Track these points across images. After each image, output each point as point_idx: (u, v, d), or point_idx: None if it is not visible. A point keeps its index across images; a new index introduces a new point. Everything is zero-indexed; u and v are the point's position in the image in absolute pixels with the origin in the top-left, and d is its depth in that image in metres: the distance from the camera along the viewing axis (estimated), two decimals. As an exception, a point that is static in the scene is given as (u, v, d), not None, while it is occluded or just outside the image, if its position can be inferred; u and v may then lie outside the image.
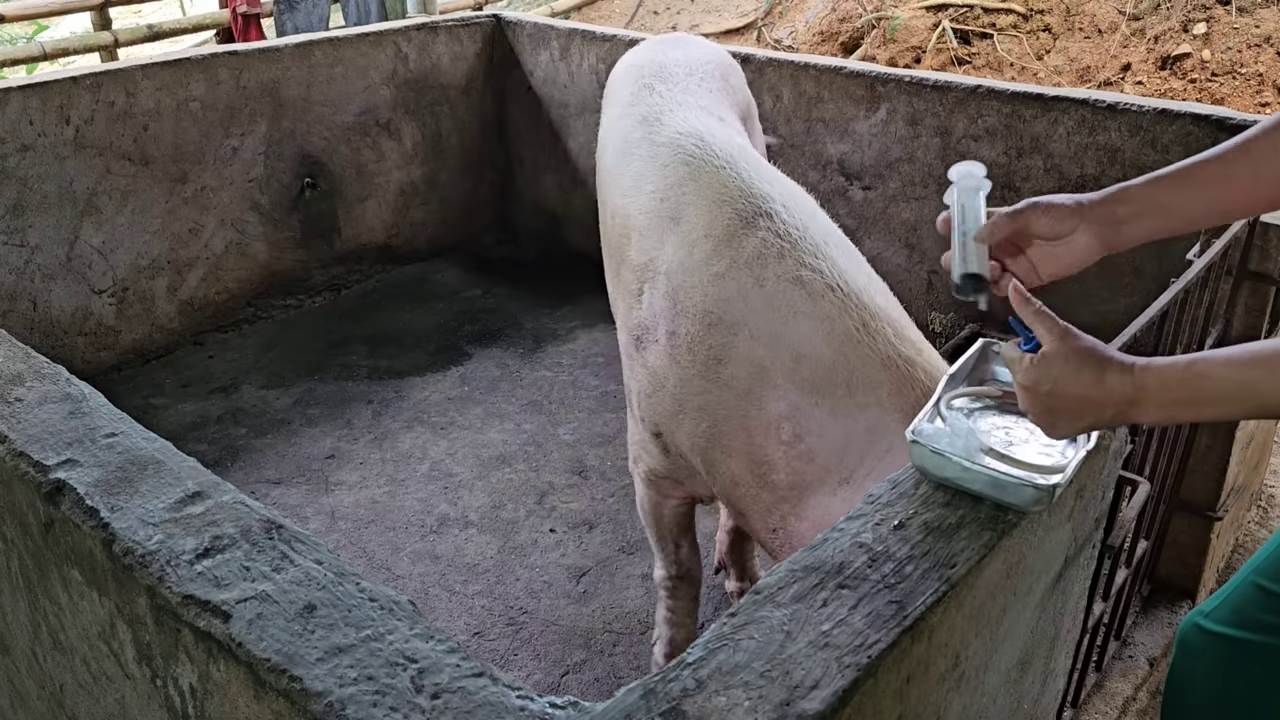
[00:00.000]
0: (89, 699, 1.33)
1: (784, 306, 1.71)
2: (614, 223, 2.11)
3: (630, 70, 2.46)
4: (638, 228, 1.97)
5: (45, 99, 3.09)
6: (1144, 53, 6.48)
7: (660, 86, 2.29)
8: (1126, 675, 2.11)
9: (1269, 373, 1.02)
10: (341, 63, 3.72)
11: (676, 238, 1.87)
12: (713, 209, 1.84)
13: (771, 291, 1.73)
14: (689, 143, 1.99)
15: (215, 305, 3.66)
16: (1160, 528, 2.14)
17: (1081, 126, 2.75)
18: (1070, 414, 1.11)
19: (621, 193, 2.09)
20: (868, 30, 7.44)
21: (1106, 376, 1.08)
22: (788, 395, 1.69)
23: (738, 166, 1.90)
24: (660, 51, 2.48)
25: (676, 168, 1.96)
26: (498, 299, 3.97)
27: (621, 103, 2.33)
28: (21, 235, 3.13)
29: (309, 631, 0.99)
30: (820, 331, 1.67)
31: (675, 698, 0.89)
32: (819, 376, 1.67)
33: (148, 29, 6.50)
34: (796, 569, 1.04)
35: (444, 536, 2.70)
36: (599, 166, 2.35)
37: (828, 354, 1.66)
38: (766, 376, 1.71)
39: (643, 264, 1.93)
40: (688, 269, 1.82)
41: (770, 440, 1.71)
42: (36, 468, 1.23)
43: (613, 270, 2.16)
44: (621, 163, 2.14)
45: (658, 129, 2.11)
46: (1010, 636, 1.22)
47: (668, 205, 1.93)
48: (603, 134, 2.39)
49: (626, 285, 1.99)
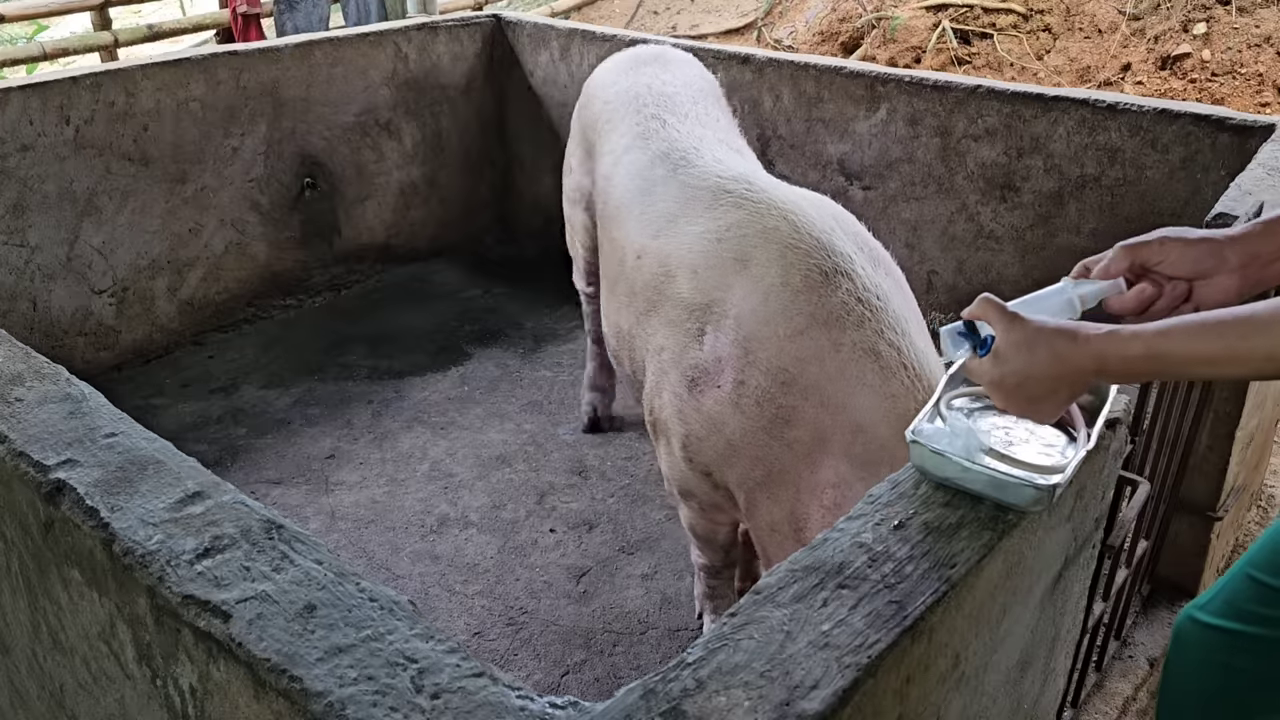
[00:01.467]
0: (89, 699, 1.33)
1: (855, 377, 1.67)
2: (638, 259, 2.07)
3: (620, 95, 2.43)
4: (688, 266, 1.92)
5: (45, 99, 3.09)
6: (1144, 53, 6.48)
7: (672, 119, 2.26)
8: (1126, 675, 2.11)
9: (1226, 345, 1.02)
10: (341, 63, 3.72)
11: (747, 282, 1.81)
12: (787, 256, 1.78)
13: (846, 359, 1.69)
14: (737, 187, 1.95)
15: (215, 305, 3.66)
16: (1160, 528, 2.14)
17: (1081, 126, 2.75)
18: (1046, 395, 1.12)
19: (652, 231, 2.04)
20: (868, 30, 7.44)
21: (1060, 350, 1.09)
22: (839, 465, 1.68)
23: (805, 214, 1.85)
24: (653, 76, 2.45)
25: (729, 210, 1.92)
26: (498, 299, 3.97)
27: (628, 133, 2.30)
28: (21, 235, 3.13)
29: (309, 631, 0.99)
30: (883, 409, 1.64)
31: (675, 698, 0.89)
32: (871, 453, 1.65)
33: (148, 29, 6.50)
34: (796, 569, 1.04)
35: (444, 536, 2.70)
36: (605, 196, 2.30)
37: (885, 433, 1.64)
38: (826, 444, 1.69)
39: (703, 304, 1.87)
40: (762, 319, 1.77)
41: (814, 502, 1.71)
42: (36, 468, 1.23)
43: (632, 301, 2.09)
44: (641, 199, 2.11)
45: (686, 169, 2.08)
46: (1010, 636, 1.22)
47: (728, 246, 1.87)
48: (607, 164, 2.34)
49: (675, 322, 1.93)
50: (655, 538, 2.67)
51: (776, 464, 1.76)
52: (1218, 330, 1.03)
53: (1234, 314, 1.03)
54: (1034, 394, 1.12)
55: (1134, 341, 1.06)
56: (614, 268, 2.20)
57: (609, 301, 2.25)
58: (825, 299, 1.72)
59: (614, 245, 2.20)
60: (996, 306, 1.14)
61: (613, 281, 2.22)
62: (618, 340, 2.23)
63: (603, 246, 2.30)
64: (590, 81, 2.73)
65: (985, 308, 1.15)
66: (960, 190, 3.02)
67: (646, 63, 2.57)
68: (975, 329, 1.18)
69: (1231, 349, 1.02)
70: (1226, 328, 1.02)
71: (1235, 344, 1.02)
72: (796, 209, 1.85)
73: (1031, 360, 1.10)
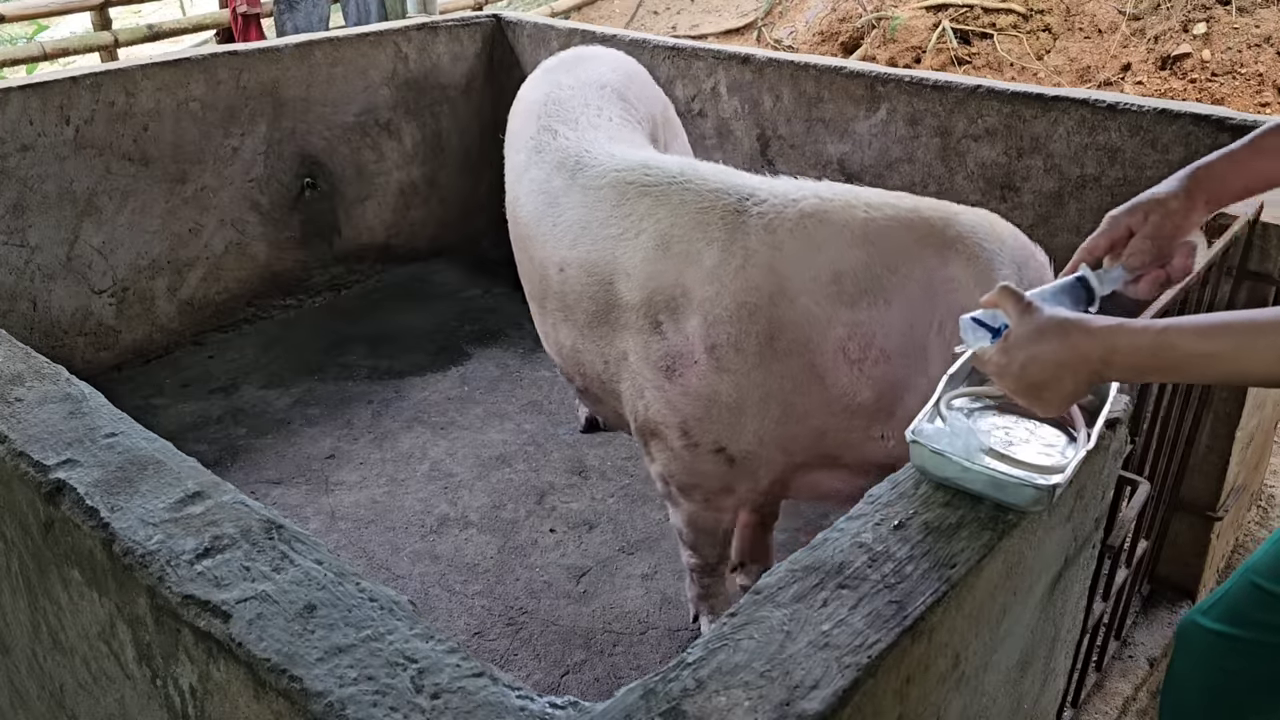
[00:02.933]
0: (89, 699, 1.33)
1: (807, 245, 1.76)
2: (561, 272, 2.07)
3: (528, 108, 2.42)
4: (620, 270, 1.94)
5: (45, 99, 3.09)
6: (1144, 53, 6.48)
7: (562, 128, 2.26)
8: (1126, 675, 2.11)
9: (1234, 344, 1.03)
10: (341, 63, 3.72)
11: (676, 261, 1.86)
12: (700, 218, 1.85)
13: (788, 245, 1.77)
14: (636, 176, 1.99)
15: (215, 305, 3.66)
16: (1160, 528, 2.14)
17: (1081, 126, 2.75)
18: (1051, 383, 1.12)
19: (568, 242, 2.05)
20: (868, 30, 7.44)
21: (1071, 339, 1.09)
22: (840, 318, 1.73)
23: (698, 171, 1.95)
24: (554, 84, 2.45)
25: (637, 201, 1.95)
26: (498, 299, 3.97)
27: (525, 149, 2.29)
28: (21, 235, 3.13)
29: (309, 631, 0.99)
30: (845, 239, 1.73)
31: (675, 698, 0.89)
32: (861, 279, 1.72)
33: (148, 29, 6.50)
34: (796, 569, 1.04)
35: (444, 536, 2.70)
36: (514, 217, 2.29)
37: (861, 253, 1.72)
38: (815, 317, 1.75)
39: (646, 300, 1.90)
40: (704, 280, 1.82)
41: (841, 369, 1.75)
42: (36, 468, 1.23)
43: (569, 315, 2.09)
44: (549, 213, 2.11)
45: (583, 173, 2.08)
46: (1010, 636, 1.22)
47: (648, 237, 1.91)
48: (511, 182, 2.32)
49: (628, 325, 1.94)
50: (655, 538, 2.68)
51: (785, 383, 1.80)
52: (1226, 328, 1.04)
53: (1244, 315, 1.04)
54: (1038, 380, 1.12)
55: (1142, 334, 1.07)
56: (538, 286, 2.19)
57: (542, 320, 2.23)
58: (746, 228, 1.81)
59: (533, 263, 2.19)
60: (1014, 295, 1.15)
61: (540, 300, 2.20)
62: (561, 357, 2.22)
63: (522, 266, 2.29)
64: (518, 95, 2.70)
65: (1002, 296, 1.16)
66: (960, 190, 3.02)
67: (552, 70, 2.56)
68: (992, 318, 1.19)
69: (1239, 347, 1.02)
70: (1236, 326, 1.03)
71: (1243, 342, 1.02)
72: (689, 172, 1.95)
73: (1040, 347, 1.11)
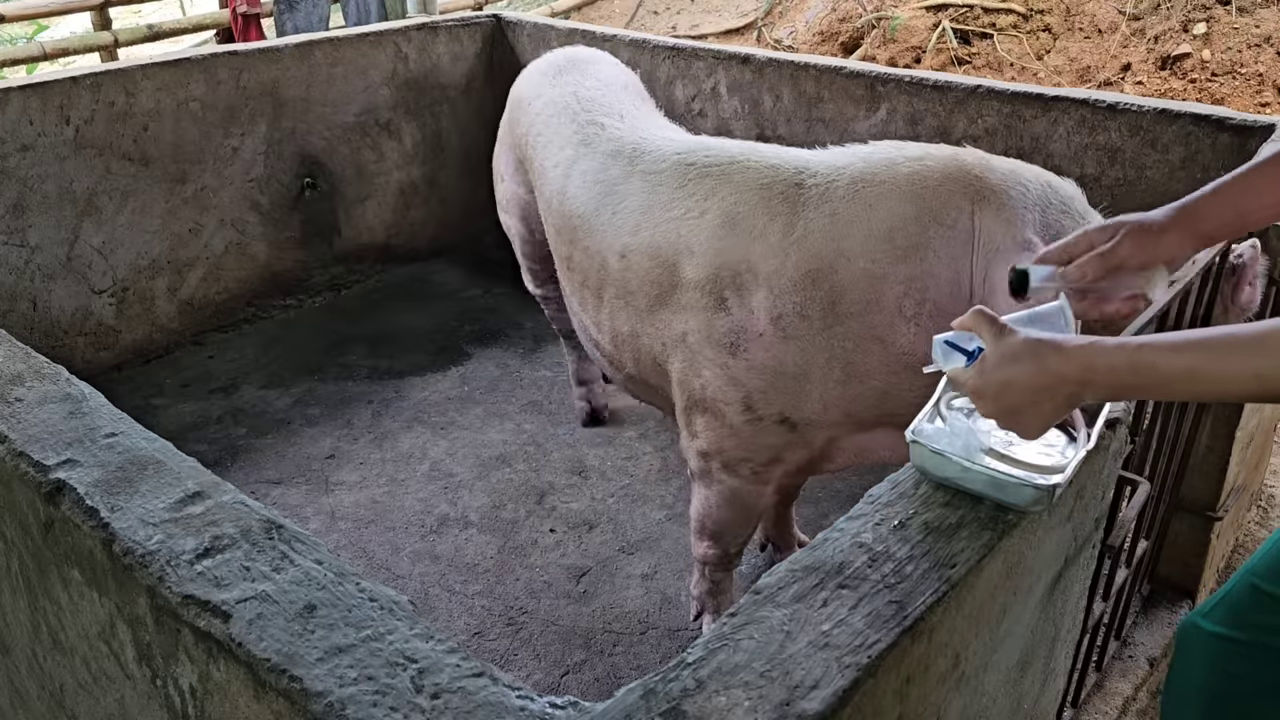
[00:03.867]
0: (89, 699, 1.33)
1: (860, 208, 1.82)
2: (623, 259, 2.11)
3: (557, 109, 2.46)
4: (685, 250, 1.99)
5: (45, 99, 3.09)
6: (1144, 53, 6.48)
7: (609, 120, 2.33)
8: (1126, 675, 2.11)
9: (1213, 360, 1.01)
10: (341, 63, 3.72)
11: (742, 237, 1.93)
12: (763, 194, 1.93)
13: (843, 210, 1.84)
14: (697, 157, 2.05)
15: (215, 305, 3.66)
16: (1160, 528, 2.14)
17: (1081, 126, 2.75)
18: (1028, 407, 1.10)
19: (630, 229, 2.09)
20: (868, 30, 7.44)
21: (1045, 361, 1.08)
22: (895, 275, 1.79)
23: (757, 150, 2.03)
24: (576, 84, 2.51)
25: (700, 182, 2.02)
26: (498, 299, 3.97)
27: (570, 143, 2.33)
28: (21, 235, 3.13)
29: (309, 631, 0.99)
30: (895, 196, 1.79)
31: (675, 698, 0.89)
32: (912, 234, 1.78)
33: (148, 29, 6.50)
34: (796, 569, 1.04)
35: (444, 536, 2.70)
36: (562, 211, 2.31)
37: (911, 208, 1.78)
38: (874, 276, 1.80)
39: (711, 277, 1.95)
40: (765, 255, 1.89)
41: (899, 327, 1.80)
42: (36, 468, 1.23)
43: (630, 302, 2.13)
44: (607, 202, 2.16)
45: (642, 160, 2.15)
46: (1010, 636, 1.22)
47: (712, 215, 1.97)
48: (555, 178, 2.35)
49: (692, 305, 1.99)
50: (655, 538, 2.68)
51: (847, 343, 1.85)
52: (1202, 344, 1.02)
53: (1220, 330, 1.03)
54: (1014, 404, 1.10)
55: (1118, 352, 1.05)
56: (595, 276, 2.21)
57: (596, 310, 2.25)
58: (802, 203, 1.88)
59: (588, 255, 2.21)
60: (987, 318, 1.13)
61: (596, 289, 2.22)
62: (615, 345, 2.23)
63: (572, 259, 2.30)
64: (515, 93, 2.73)
65: (976, 320, 1.14)
66: (960, 190, 3.02)
67: (564, 71, 2.61)
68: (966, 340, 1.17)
69: (1214, 364, 1.01)
70: (1212, 342, 1.02)
71: (1216, 360, 1.01)
72: (747, 151, 2.02)
73: (1014, 371, 1.09)
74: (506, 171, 2.76)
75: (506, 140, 2.75)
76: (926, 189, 1.79)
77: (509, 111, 2.75)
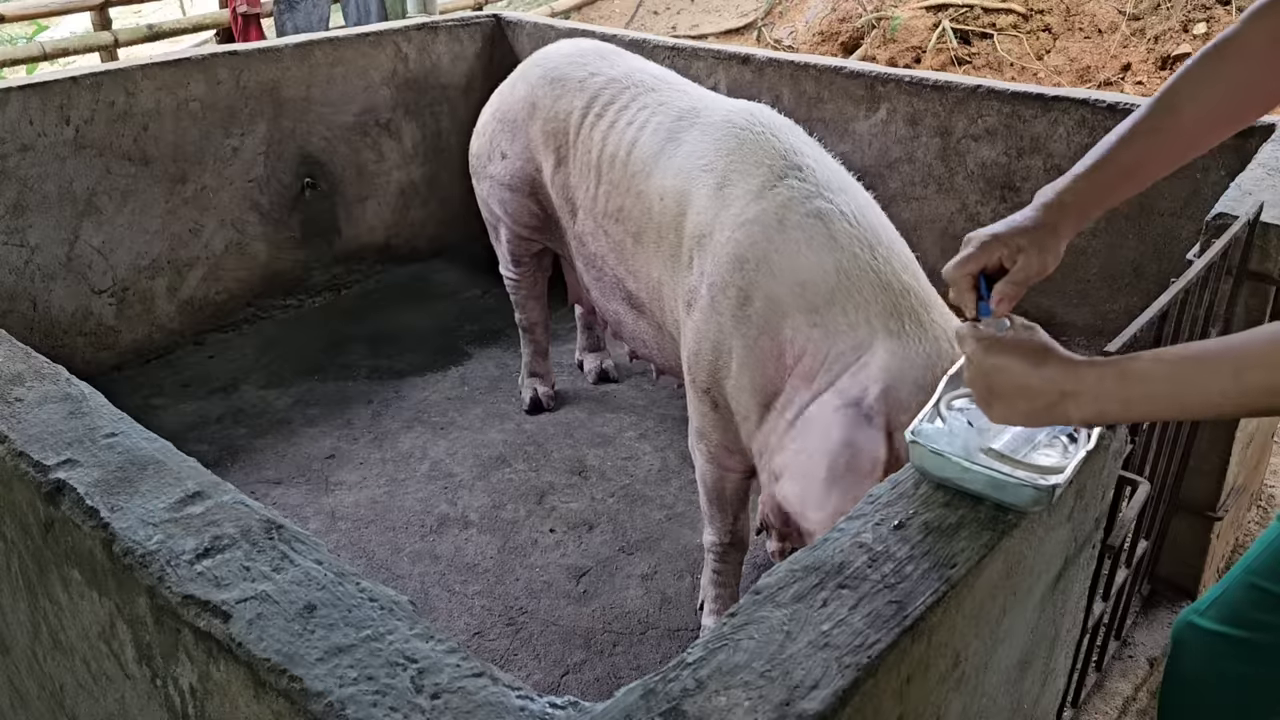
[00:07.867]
0: (89, 699, 1.33)
1: (801, 239, 1.89)
2: (661, 200, 2.23)
3: (629, 81, 2.58)
4: (694, 204, 2.11)
5: (45, 99, 3.09)
6: (1144, 53, 6.48)
7: (683, 85, 2.51)
8: (1126, 675, 2.11)
9: (1199, 372, 1.01)
10: (341, 63, 3.72)
11: (719, 202, 2.03)
12: (751, 170, 2.02)
13: (792, 225, 1.90)
14: (741, 118, 2.17)
15: (215, 305, 3.66)
16: (1160, 528, 2.14)
17: (1081, 126, 2.75)
18: (1007, 398, 1.10)
19: (673, 173, 2.21)
20: (868, 30, 7.44)
21: (1045, 367, 1.07)
22: (794, 320, 1.85)
23: (792, 133, 2.12)
24: (633, 64, 2.66)
25: (725, 140, 2.14)
26: (498, 299, 3.96)
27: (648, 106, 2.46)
28: (21, 235, 3.13)
29: (309, 631, 0.99)
30: (829, 255, 1.85)
31: (675, 698, 0.89)
32: (820, 298, 1.83)
33: (148, 29, 6.50)
34: (796, 569, 1.04)
35: (444, 536, 2.70)
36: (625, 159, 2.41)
37: (831, 278, 1.84)
38: (779, 306, 1.87)
39: (693, 233, 2.07)
40: (724, 224, 1.98)
41: (781, 371, 1.87)
42: (36, 468, 1.23)
43: (660, 245, 2.25)
44: (667, 148, 2.29)
45: (704, 114, 2.28)
46: (1010, 636, 1.22)
47: (715, 175, 2.08)
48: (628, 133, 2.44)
49: (680, 259, 2.12)
50: (655, 538, 2.68)
51: (743, 345, 1.92)
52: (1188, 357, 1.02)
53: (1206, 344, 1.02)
54: (996, 389, 1.10)
55: (1108, 364, 1.05)
56: (641, 219, 2.32)
57: (635, 255, 2.35)
58: (775, 191, 1.96)
59: (641, 199, 2.32)
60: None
61: (637, 233, 2.33)
62: (649, 293, 2.34)
63: (623, 209, 2.39)
64: (549, 76, 2.72)
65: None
66: (960, 190, 3.02)
67: (606, 55, 2.73)
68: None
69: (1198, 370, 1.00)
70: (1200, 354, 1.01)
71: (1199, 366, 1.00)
72: (781, 129, 2.12)
73: (1013, 360, 1.09)
74: (513, 150, 2.80)
75: (521, 120, 2.77)
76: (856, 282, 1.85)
77: (537, 93, 2.72)
